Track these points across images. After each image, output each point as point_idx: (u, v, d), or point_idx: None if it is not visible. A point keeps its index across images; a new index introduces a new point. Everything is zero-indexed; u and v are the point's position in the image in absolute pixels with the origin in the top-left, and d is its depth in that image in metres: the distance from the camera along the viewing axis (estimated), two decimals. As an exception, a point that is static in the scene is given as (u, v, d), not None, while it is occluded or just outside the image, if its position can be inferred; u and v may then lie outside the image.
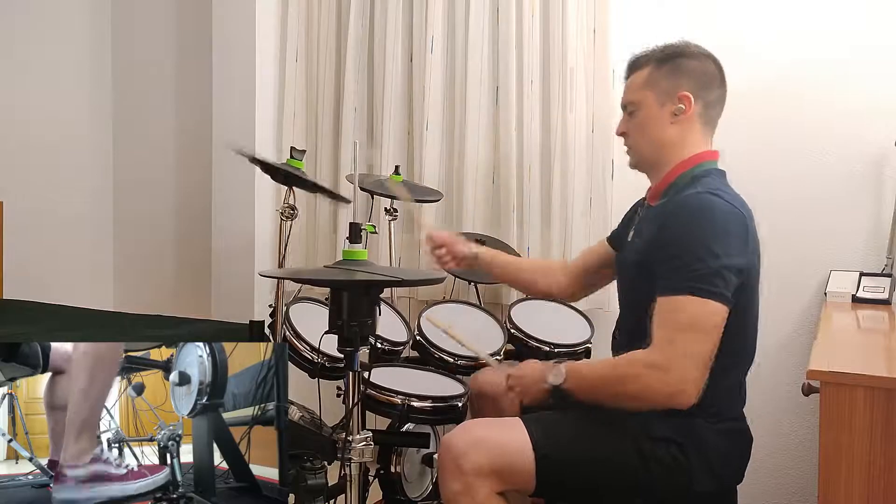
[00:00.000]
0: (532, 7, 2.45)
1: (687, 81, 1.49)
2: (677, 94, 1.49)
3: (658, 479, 1.42)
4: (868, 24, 2.18)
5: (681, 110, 1.49)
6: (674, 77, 1.50)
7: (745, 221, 1.41)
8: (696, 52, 1.53)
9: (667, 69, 1.51)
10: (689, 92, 1.49)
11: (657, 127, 1.51)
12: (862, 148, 2.18)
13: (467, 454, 1.40)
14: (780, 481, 2.30)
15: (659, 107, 1.51)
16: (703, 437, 1.42)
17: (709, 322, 1.33)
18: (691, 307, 1.33)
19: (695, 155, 1.50)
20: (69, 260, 3.20)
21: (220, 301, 2.90)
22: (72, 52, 3.21)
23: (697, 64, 1.51)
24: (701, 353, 1.33)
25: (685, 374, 1.32)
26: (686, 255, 1.35)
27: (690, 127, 1.50)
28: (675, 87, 1.49)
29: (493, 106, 2.56)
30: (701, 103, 1.50)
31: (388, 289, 2.51)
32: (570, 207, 2.42)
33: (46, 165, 3.10)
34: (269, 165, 2.06)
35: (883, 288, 2.01)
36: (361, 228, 1.56)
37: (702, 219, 1.38)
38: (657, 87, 1.51)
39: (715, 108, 1.53)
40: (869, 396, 1.19)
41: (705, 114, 1.51)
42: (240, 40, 2.83)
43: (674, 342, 1.32)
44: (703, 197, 1.40)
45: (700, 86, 1.50)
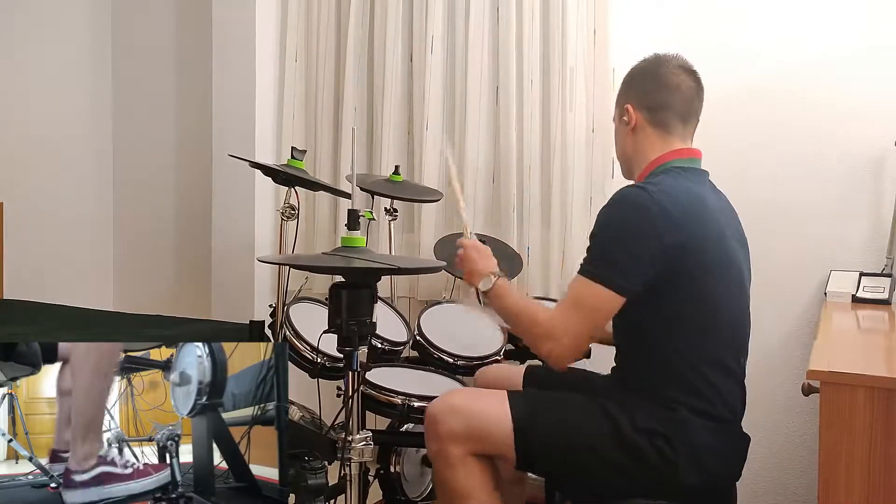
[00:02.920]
0: (532, 7, 2.45)
1: (632, 94, 1.62)
2: (624, 107, 1.62)
3: (641, 469, 1.45)
4: (868, 24, 2.18)
5: (626, 122, 1.61)
6: (624, 93, 1.65)
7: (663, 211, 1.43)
8: (644, 64, 1.64)
9: (622, 87, 1.66)
10: (630, 103, 1.61)
11: (621, 139, 1.66)
12: (862, 148, 2.18)
13: (443, 420, 1.52)
14: (780, 481, 2.29)
15: (619, 122, 1.66)
16: (688, 429, 1.45)
17: (590, 303, 1.46)
18: (580, 287, 1.47)
19: (656, 158, 1.58)
20: (69, 260, 3.20)
21: (220, 301, 2.90)
22: (72, 52, 3.20)
23: (640, 75, 1.63)
24: (585, 330, 1.48)
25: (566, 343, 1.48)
26: (593, 241, 1.50)
27: (645, 135, 1.60)
28: (624, 101, 1.63)
29: (493, 106, 2.56)
30: (644, 111, 1.59)
31: (387, 289, 2.51)
32: (570, 207, 2.42)
33: (46, 165, 3.10)
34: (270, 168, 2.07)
35: (883, 288, 2.01)
36: (360, 215, 1.56)
37: (610, 210, 1.49)
38: (617, 102, 1.67)
39: (665, 111, 1.58)
40: (869, 396, 1.19)
41: (654, 119, 1.59)
42: (240, 41, 2.83)
43: (562, 315, 1.49)
44: (624, 191, 1.50)
45: (640, 94, 1.61)
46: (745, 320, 1.58)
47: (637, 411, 1.47)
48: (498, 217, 2.56)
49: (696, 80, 1.61)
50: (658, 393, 1.48)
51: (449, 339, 2.09)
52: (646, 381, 1.51)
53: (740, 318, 1.56)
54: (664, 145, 1.58)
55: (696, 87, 1.61)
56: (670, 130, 1.58)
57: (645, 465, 1.45)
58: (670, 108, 1.58)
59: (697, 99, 1.61)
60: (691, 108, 1.60)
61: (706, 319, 1.49)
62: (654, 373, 1.50)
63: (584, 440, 1.49)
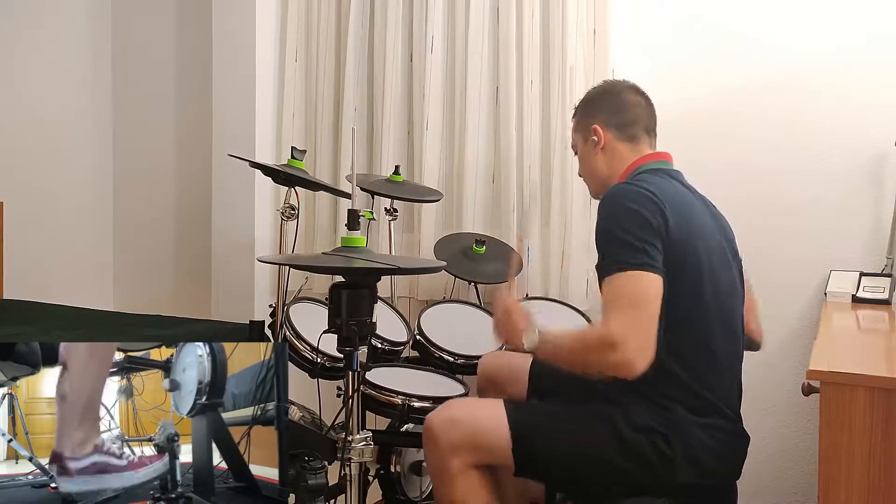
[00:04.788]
0: (532, 7, 2.45)
1: (596, 115, 1.70)
2: (591, 129, 1.69)
3: (639, 469, 1.45)
4: (868, 24, 2.18)
5: (595, 142, 1.68)
6: (587, 116, 1.72)
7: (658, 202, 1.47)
8: (604, 87, 1.75)
9: (582, 111, 1.75)
10: (598, 124, 1.68)
11: (589, 160, 1.72)
12: (862, 148, 2.18)
13: (443, 430, 1.52)
14: (780, 481, 2.30)
15: (584, 144, 1.72)
16: (685, 428, 1.45)
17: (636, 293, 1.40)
18: (616, 284, 1.42)
19: (629, 165, 1.64)
20: (69, 260, 3.20)
21: (220, 301, 2.90)
22: (72, 52, 3.21)
23: (599, 97, 1.73)
24: (643, 321, 1.38)
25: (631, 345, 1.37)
26: (604, 237, 1.48)
27: (614, 151, 1.67)
28: (589, 123, 1.70)
29: (493, 106, 2.56)
30: (613, 129, 1.67)
31: (387, 289, 2.51)
32: (570, 207, 2.42)
33: (46, 165, 3.10)
34: (270, 168, 2.07)
35: (883, 288, 2.01)
36: (360, 215, 1.56)
37: (611, 204, 1.51)
38: (580, 128, 1.74)
39: (632, 125, 1.67)
40: (869, 396, 1.19)
41: (623, 135, 1.67)
42: (240, 40, 2.83)
43: (613, 321, 1.39)
44: (616, 188, 1.55)
45: (606, 114, 1.68)
46: (740, 319, 1.58)
47: (635, 410, 1.48)
48: (498, 217, 2.56)
49: (648, 99, 1.72)
50: (656, 392, 1.48)
51: (449, 339, 2.09)
52: (643, 380, 1.51)
53: (735, 316, 1.56)
54: (634, 154, 1.66)
55: (649, 103, 1.71)
56: (639, 142, 1.67)
57: (643, 464, 1.45)
58: (636, 121, 1.68)
59: (654, 114, 1.71)
60: (652, 121, 1.70)
61: (701, 317, 1.49)
62: (652, 372, 1.50)
63: (582, 443, 1.49)
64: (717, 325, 1.52)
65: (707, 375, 1.48)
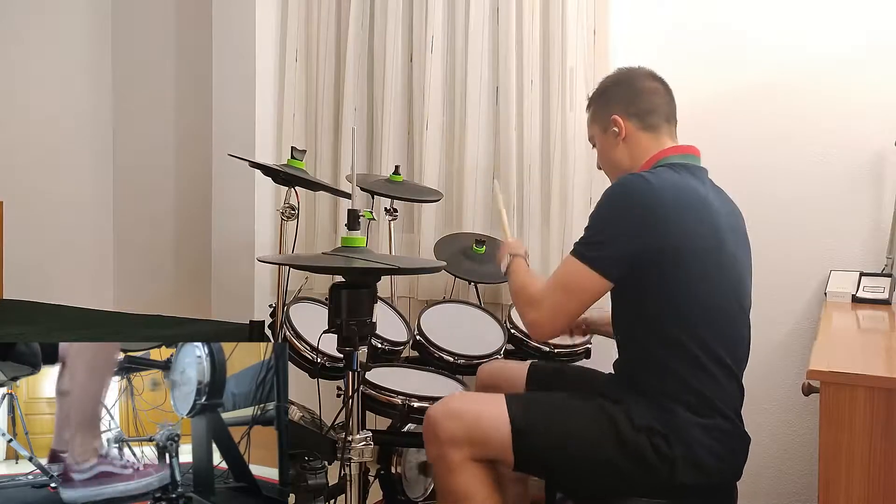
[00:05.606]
0: (532, 7, 2.45)
1: (615, 105, 1.66)
2: (610, 119, 1.65)
3: (639, 469, 1.45)
4: (869, 24, 2.18)
5: (615, 133, 1.65)
6: (605, 106, 1.69)
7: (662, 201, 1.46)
8: (619, 76, 1.71)
9: (600, 101, 1.71)
10: (617, 114, 1.65)
11: (609, 151, 1.69)
12: (862, 148, 2.18)
13: (443, 424, 1.53)
14: (780, 481, 2.30)
15: (604, 135, 1.69)
16: (686, 429, 1.45)
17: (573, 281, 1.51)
18: (568, 265, 1.53)
19: (653, 156, 1.62)
20: (69, 260, 3.20)
21: (220, 301, 2.90)
22: (72, 52, 3.21)
23: (618, 86, 1.69)
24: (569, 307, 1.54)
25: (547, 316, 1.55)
26: (589, 222, 1.54)
27: (636, 141, 1.64)
28: (608, 113, 1.67)
29: (493, 106, 2.56)
30: (633, 118, 1.64)
31: (387, 289, 2.51)
32: (570, 207, 2.42)
33: (46, 165, 3.10)
34: (270, 168, 2.07)
35: (883, 288, 2.01)
36: (360, 215, 1.56)
37: (611, 195, 1.52)
38: (598, 119, 1.71)
39: (652, 114, 1.64)
40: (869, 396, 1.19)
41: (643, 124, 1.64)
42: (240, 40, 2.83)
43: (548, 288, 1.56)
44: (626, 178, 1.53)
45: (627, 103, 1.65)
46: (744, 320, 1.58)
47: (636, 410, 1.48)
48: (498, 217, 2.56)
49: (666, 85, 1.69)
50: (656, 391, 1.49)
51: (449, 339, 2.09)
52: (644, 380, 1.52)
53: (739, 318, 1.56)
54: (657, 144, 1.63)
55: (667, 89, 1.68)
56: (659, 131, 1.64)
57: (643, 463, 1.45)
58: (656, 110, 1.64)
59: (673, 101, 1.68)
60: (672, 108, 1.67)
61: (702, 318, 1.49)
62: (652, 371, 1.51)
63: (582, 441, 1.49)
64: (720, 327, 1.51)
65: (708, 376, 1.48)
